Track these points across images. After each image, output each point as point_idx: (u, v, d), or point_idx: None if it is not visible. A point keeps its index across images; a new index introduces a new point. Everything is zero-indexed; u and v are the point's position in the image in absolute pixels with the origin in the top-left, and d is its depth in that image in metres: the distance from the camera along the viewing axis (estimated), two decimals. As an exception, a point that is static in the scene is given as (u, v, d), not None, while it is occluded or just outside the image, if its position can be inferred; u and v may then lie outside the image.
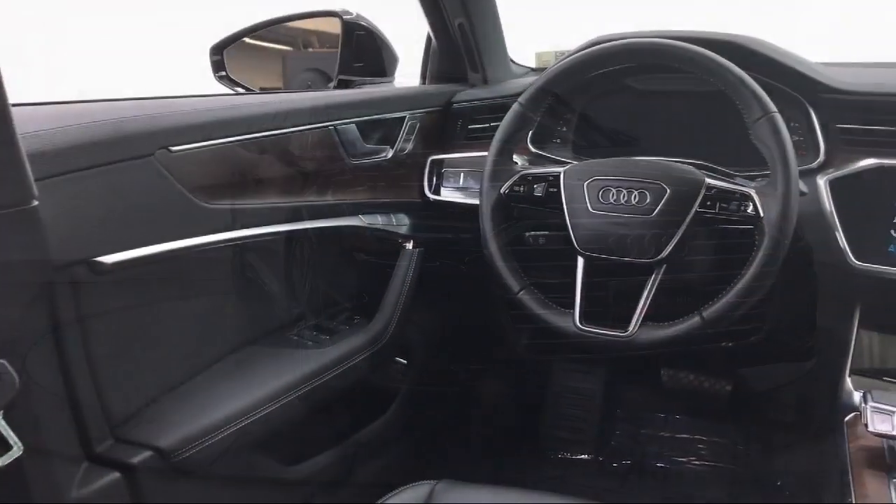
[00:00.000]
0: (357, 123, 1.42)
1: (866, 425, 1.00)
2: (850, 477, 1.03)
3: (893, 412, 0.98)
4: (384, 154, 1.50)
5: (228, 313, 1.25)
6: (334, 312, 1.50)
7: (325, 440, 1.44)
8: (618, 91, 1.51)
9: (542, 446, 2.11)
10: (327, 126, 1.36)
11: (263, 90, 1.80)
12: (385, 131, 1.53)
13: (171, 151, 1.07)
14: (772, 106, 1.13)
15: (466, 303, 1.89)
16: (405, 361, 1.65)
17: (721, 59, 1.17)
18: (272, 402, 1.20)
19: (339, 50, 1.64)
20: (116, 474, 0.99)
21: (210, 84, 1.72)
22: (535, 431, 2.13)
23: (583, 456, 2.09)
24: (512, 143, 1.32)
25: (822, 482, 1.14)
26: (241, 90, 1.72)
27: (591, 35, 1.48)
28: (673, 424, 2.10)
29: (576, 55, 1.28)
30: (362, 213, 1.45)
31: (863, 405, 1.02)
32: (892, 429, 0.98)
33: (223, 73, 1.72)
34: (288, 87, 1.79)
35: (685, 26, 1.43)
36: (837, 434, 1.13)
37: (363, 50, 1.67)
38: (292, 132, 1.29)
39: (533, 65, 1.99)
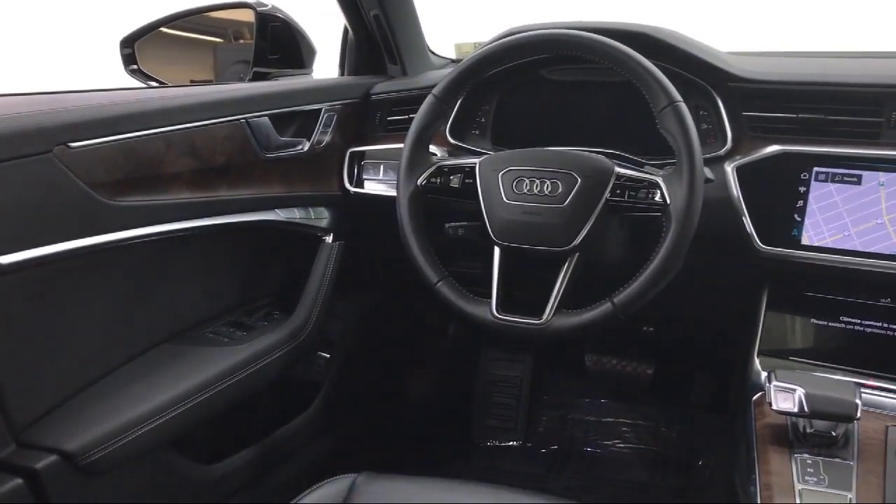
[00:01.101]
0: (271, 116, 1.40)
1: (770, 404, 1.03)
2: (756, 454, 1.06)
3: (794, 390, 1.01)
4: (300, 147, 1.48)
5: (139, 312, 1.22)
6: (252, 308, 1.48)
7: (245, 437, 1.43)
8: (533, 82, 1.52)
9: (472, 435, 2.14)
10: (239, 119, 1.33)
11: (194, 83, 1.76)
12: (301, 124, 1.51)
13: (70, 147, 1.04)
14: (677, 95, 1.16)
15: (390, 294, 1.89)
16: (327, 355, 1.64)
17: (627, 49, 1.19)
18: (186, 400, 1.18)
19: (253, 41, 1.62)
20: (19, 480, 0.96)
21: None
22: (464, 421, 2.15)
23: (512, 443, 2.12)
24: (427, 135, 1.32)
25: (735, 460, 1.17)
26: (154, 84, 1.68)
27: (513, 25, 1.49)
28: (598, 408, 2.14)
29: (487, 47, 1.28)
30: (279, 207, 1.43)
31: (767, 385, 1.05)
32: (794, 406, 1.01)
33: (135, 67, 1.67)
34: (219, 79, 1.75)
35: (607, 17, 1.45)
36: (746, 413, 1.16)
37: (279, 41, 1.65)
38: (202, 126, 1.26)
39: (453, 56, 1.99)
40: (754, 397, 1.17)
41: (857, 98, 1.27)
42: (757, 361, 1.24)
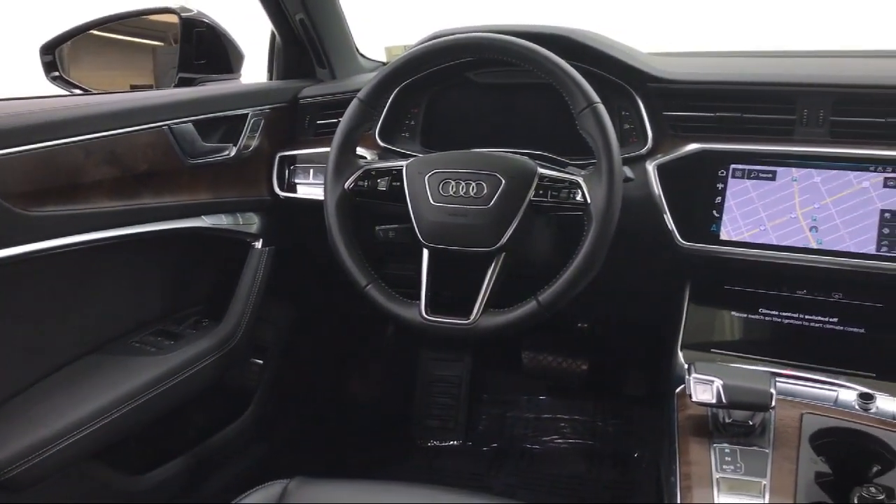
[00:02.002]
0: (195, 122, 1.39)
1: (690, 396, 1.06)
2: (677, 445, 1.09)
3: (712, 382, 1.04)
4: (226, 152, 1.47)
5: (60, 324, 1.20)
6: (181, 317, 1.46)
7: (177, 446, 1.41)
8: (461, 85, 1.54)
9: (412, 436, 2.14)
10: (161, 126, 1.32)
11: (135, 87, 1.73)
12: (228, 129, 1.50)
13: None
14: (595, 97, 1.18)
15: (324, 298, 1.88)
16: (261, 361, 1.63)
17: (546, 52, 1.21)
18: (111, 412, 1.16)
19: (178, 47, 1.60)
20: None
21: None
22: (404, 421, 2.16)
23: (452, 442, 2.13)
24: (354, 138, 1.32)
25: (662, 452, 1.20)
26: (78, 91, 1.65)
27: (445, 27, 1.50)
28: (537, 405, 2.17)
29: (409, 51, 1.29)
30: (206, 214, 1.42)
31: (687, 377, 1.08)
32: (712, 398, 1.04)
33: (56, 74, 1.64)
34: (159, 84, 1.72)
35: (539, 20, 1.47)
36: (669, 406, 1.19)
37: (205, 47, 1.63)
38: (123, 133, 1.24)
39: (384, 59, 1.99)
40: (677, 390, 1.20)
41: (772, 96, 1.31)
42: (680, 355, 1.28)
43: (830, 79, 1.30)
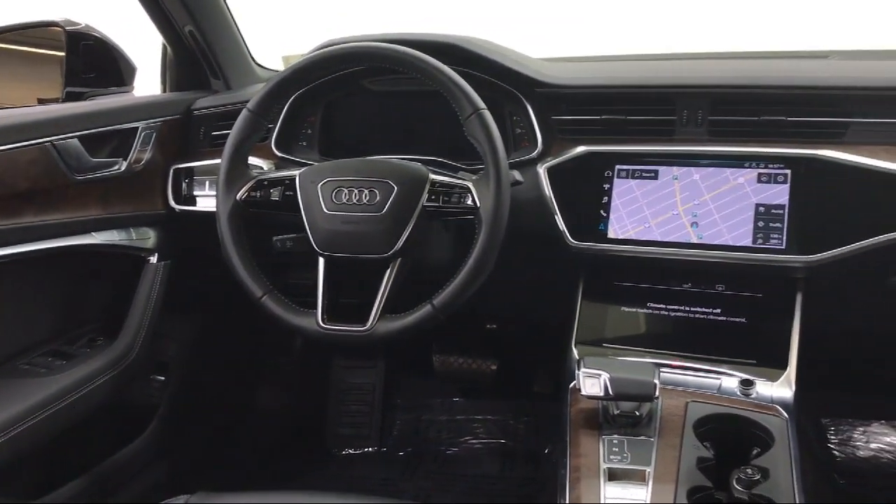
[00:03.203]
0: (81, 137, 1.36)
1: (580, 390, 1.09)
2: (568, 438, 1.12)
3: (600, 375, 1.08)
4: (116, 167, 1.44)
5: None
6: (74, 336, 1.43)
7: (75, 468, 1.38)
8: (356, 93, 1.54)
9: (326, 445, 2.14)
10: (44, 143, 1.28)
11: (42, 101, 1.67)
12: (117, 143, 1.47)
13: None
14: (480, 103, 1.21)
15: (230, 310, 1.86)
16: (162, 378, 1.60)
17: (433, 60, 1.23)
18: None
19: (64, 61, 1.56)
20: None
21: None
22: (317, 431, 2.15)
23: (367, 449, 2.14)
24: (245, 149, 1.31)
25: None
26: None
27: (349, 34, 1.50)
28: (450, 407, 2.19)
29: (298, 61, 1.29)
30: (96, 230, 1.39)
31: (577, 372, 1.11)
32: (600, 391, 1.07)
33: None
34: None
35: (441, 29, 1.50)
36: (563, 400, 1.22)
37: (94, 60, 1.60)
38: (2, 151, 1.21)
39: (282, 68, 1.98)
40: (571, 385, 1.24)
41: (652, 98, 1.37)
42: (574, 350, 1.32)
43: (708, 80, 1.36)
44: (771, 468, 1.02)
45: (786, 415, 1.13)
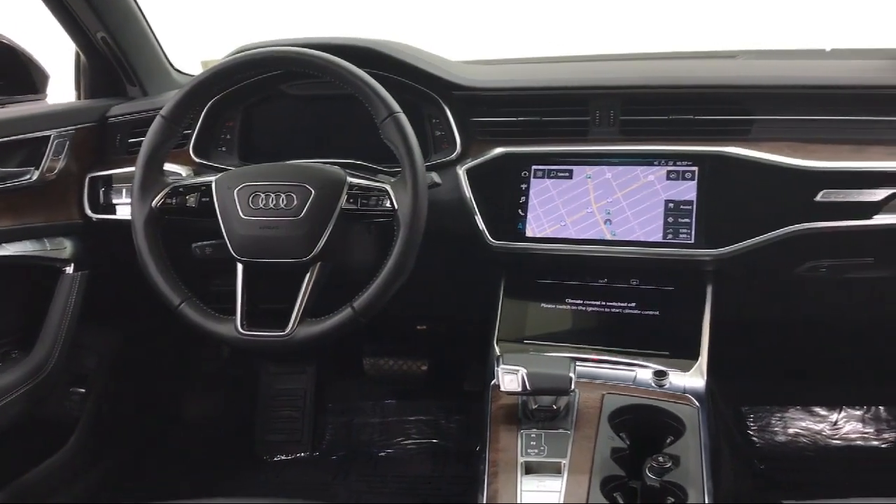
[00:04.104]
0: None
1: (499, 386, 1.11)
2: (489, 433, 1.15)
3: (518, 371, 1.10)
4: (27, 176, 1.41)
5: None
6: None
7: None
8: (275, 97, 1.54)
9: (257, 452, 2.12)
10: None
11: None
12: (29, 152, 1.43)
13: None
14: (395, 107, 1.22)
15: (154, 319, 1.83)
16: (82, 390, 1.57)
17: (347, 64, 1.23)
18: None
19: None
20: None
21: None
22: (248, 438, 2.13)
23: (299, 454, 2.13)
24: (159, 156, 1.30)
25: None
26: None
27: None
28: (382, 409, 2.19)
29: (212, 67, 1.29)
30: (7, 242, 1.36)
31: (496, 369, 1.13)
32: (518, 386, 1.10)
33: None
34: None
35: (361, 32, 1.50)
36: (485, 397, 1.24)
37: (3, 67, 1.56)
38: None
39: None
40: (492, 381, 1.26)
41: (567, 100, 1.40)
42: (496, 348, 1.34)
43: (619, 81, 1.40)
44: (682, 455, 1.06)
45: (697, 403, 1.17)
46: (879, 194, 1.25)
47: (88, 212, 1.55)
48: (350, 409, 2.21)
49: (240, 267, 1.26)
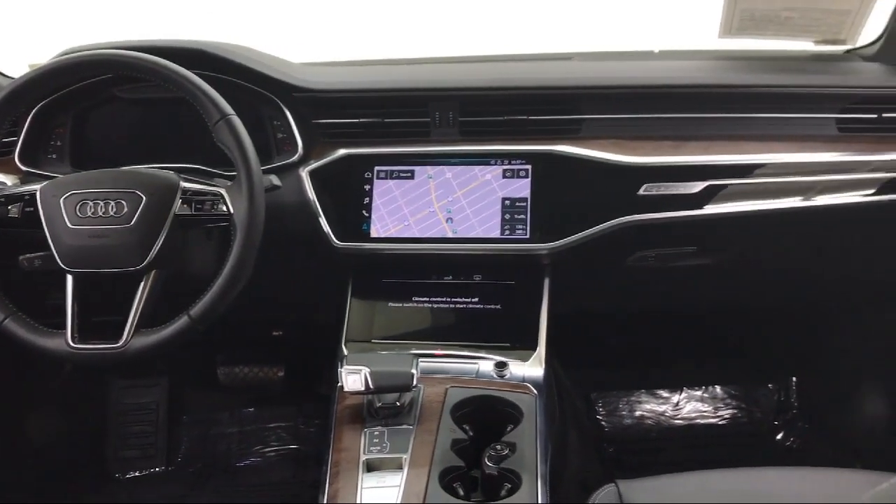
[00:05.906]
0: None
1: (342, 387, 1.12)
2: (332, 434, 1.15)
3: (360, 371, 1.11)
4: None
5: None
6: None
7: None
8: (107, 101, 1.48)
9: (109, 469, 2.03)
10: None
11: None
12: None
13: None
14: (228, 109, 1.20)
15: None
16: None
17: (174, 66, 1.21)
18: None
19: None
20: None
21: None
22: (98, 456, 2.04)
23: (154, 469, 2.06)
24: None
25: None
26: None
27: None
28: (240, 418, 2.15)
29: (30, 71, 1.23)
30: None
31: (339, 369, 1.14)
32: (361, 386, 1.11)
33: None
34: None
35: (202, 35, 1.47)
36: (331, 399, 1.25)
37: None
38: None
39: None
40: (339, 383, 1.27)
41: (407, 101, 1.42)
42: (344, 349, 1.34)
43: (456, 83, 1.44)
44: (518, 442, 1.10)
45: (535, 391, 1.22)
46: (697, 186, 1.34)
47: None
48: (206, 420, 2.16)
49: (69, 278, 1.21)
